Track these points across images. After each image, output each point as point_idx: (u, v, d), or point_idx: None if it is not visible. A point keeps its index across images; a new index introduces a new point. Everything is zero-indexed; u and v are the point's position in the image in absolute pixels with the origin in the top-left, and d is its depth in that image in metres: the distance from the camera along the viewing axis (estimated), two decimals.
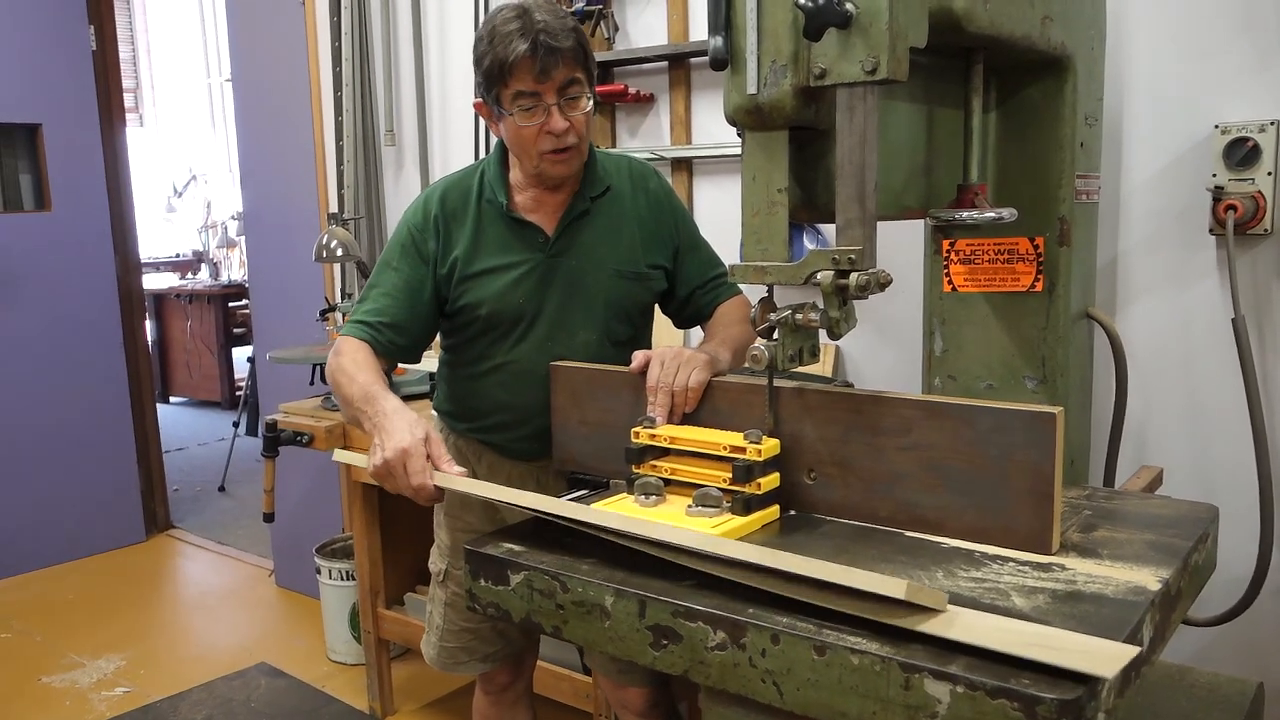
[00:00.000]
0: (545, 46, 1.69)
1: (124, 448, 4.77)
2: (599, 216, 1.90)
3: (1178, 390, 2.12)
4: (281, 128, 3.90)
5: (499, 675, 2.14)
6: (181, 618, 4.03)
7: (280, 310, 4.04)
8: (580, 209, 1.89)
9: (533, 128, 1.76)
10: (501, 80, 1.73)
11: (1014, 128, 1.74)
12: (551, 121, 1.75)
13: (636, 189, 1.94)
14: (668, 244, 1.95)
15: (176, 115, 10.11)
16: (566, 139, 1.77)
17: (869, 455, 1.41)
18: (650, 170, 2.00)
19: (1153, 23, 2.06)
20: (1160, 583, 1.19)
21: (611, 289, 1.89)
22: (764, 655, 1.11)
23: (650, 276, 1.93)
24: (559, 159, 1.80)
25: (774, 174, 1.36)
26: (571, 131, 1.77)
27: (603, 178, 1.91)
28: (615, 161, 1.98)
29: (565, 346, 1.88)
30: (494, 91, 1.76)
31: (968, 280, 1.82)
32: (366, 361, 1.79)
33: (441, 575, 2.09)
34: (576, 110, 1.77)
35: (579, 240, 1.89)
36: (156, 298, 7.83)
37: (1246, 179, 1.94)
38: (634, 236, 1.92)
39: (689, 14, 2.73)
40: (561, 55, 1.71)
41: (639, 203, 1.93)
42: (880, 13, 1.20)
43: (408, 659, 3.43)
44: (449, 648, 2.08)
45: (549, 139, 1.76)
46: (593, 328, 1.89)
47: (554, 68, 1.71)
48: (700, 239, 2.03)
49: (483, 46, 1.75)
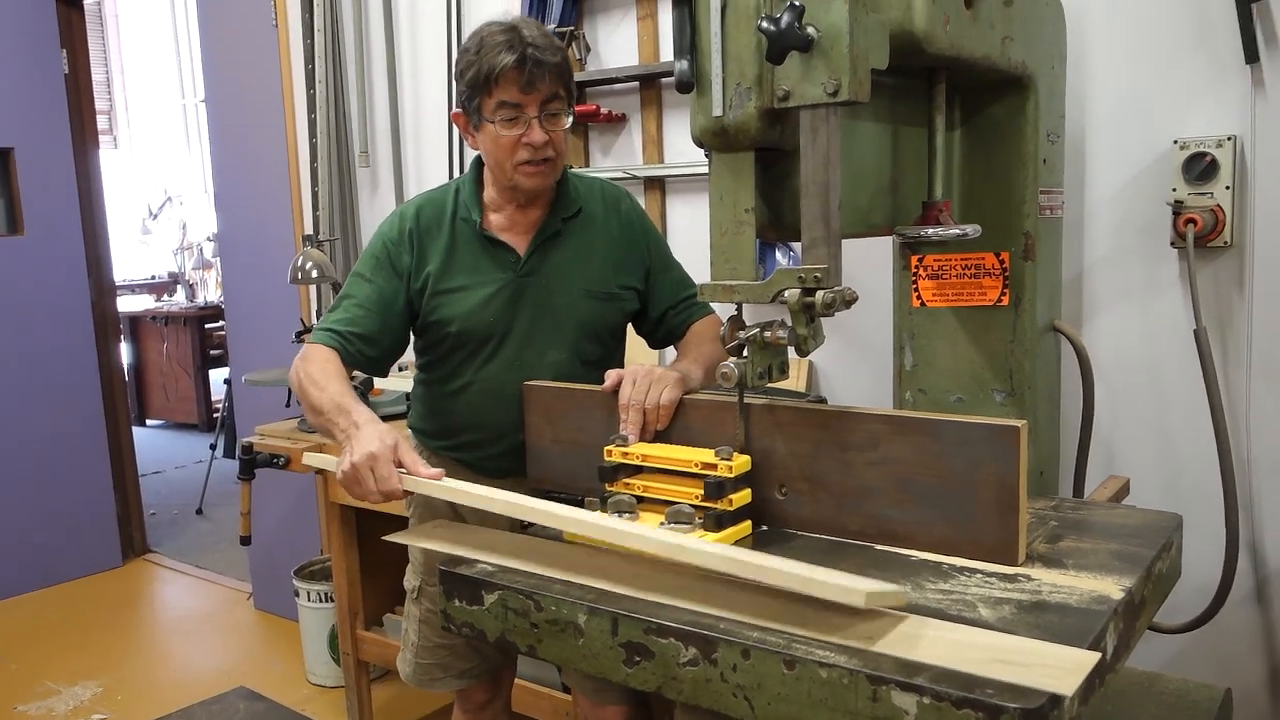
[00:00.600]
0: (533, 60, 1.75)
1: (99, 472, 4.73)
2: (571, 237, 1.93)
3: (1144, 401, 2.16)
4: (256, 149, 3.91)
5: (476, 693, 2.14)
6: (159, 643, 4.00)
7: (256, 332, 4.03)
8: (552, 229, 1.91)
9: (512, 138, 1.80)
10: (486, 89, 1.78)
11: (978, 145, 1.77)
12: (531, 133, 1.80)
13: (609, 210, 1.97)
14: (639, 265, 1.98)
15: (151, 137, 10.07)
16: (544, 151, 1.82)
17: (839, 470, 1.43)
18: (623, 193, 2.03)
19: (1112, 41, 2.11)
20: (1123, 591, 1.21)
21: (581, 309, 1.92)
22: (735, 670, 1.12)
23: (621, 297, 1.95)
24: (534, 171, 1.83)
25: (741, 194, 1.38)
26: (550, 145, 1.82)
27: (576, 199, 1.94)
28: (588, 183, 2.01)
29: (535, 366, 1.90)
30: (476, 100, 1.80)
31: (936, 295, 1.85)
32: (336, 371, 1.79)
33: (415, 592, 2.10)
34: (557, 126, 1.83)
35: (550, 260, 1.91)
36: (132, 320, 7.78)
37: (1205, 193, 1.98)
38: (605, 257, 1.94)
39: (659, 35, 2.76)
40: (547, 70, 1.77)
41: (611, 224, 1.96)
42: (841, 36, 1.22)
43: (388, 680, 3.41)
44: (424, 664, 2.09)
45: (527, 150, 1.81)
46: (563, 347, 1.91)
47: (539, 81, 1.77)
48: (672, 260, 2.06)
49: (469, 57, 1.80)
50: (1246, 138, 1.98)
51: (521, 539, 1.52)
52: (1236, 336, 2.04)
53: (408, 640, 2.13)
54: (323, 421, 1.73)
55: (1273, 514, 2.06)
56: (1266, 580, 2.08)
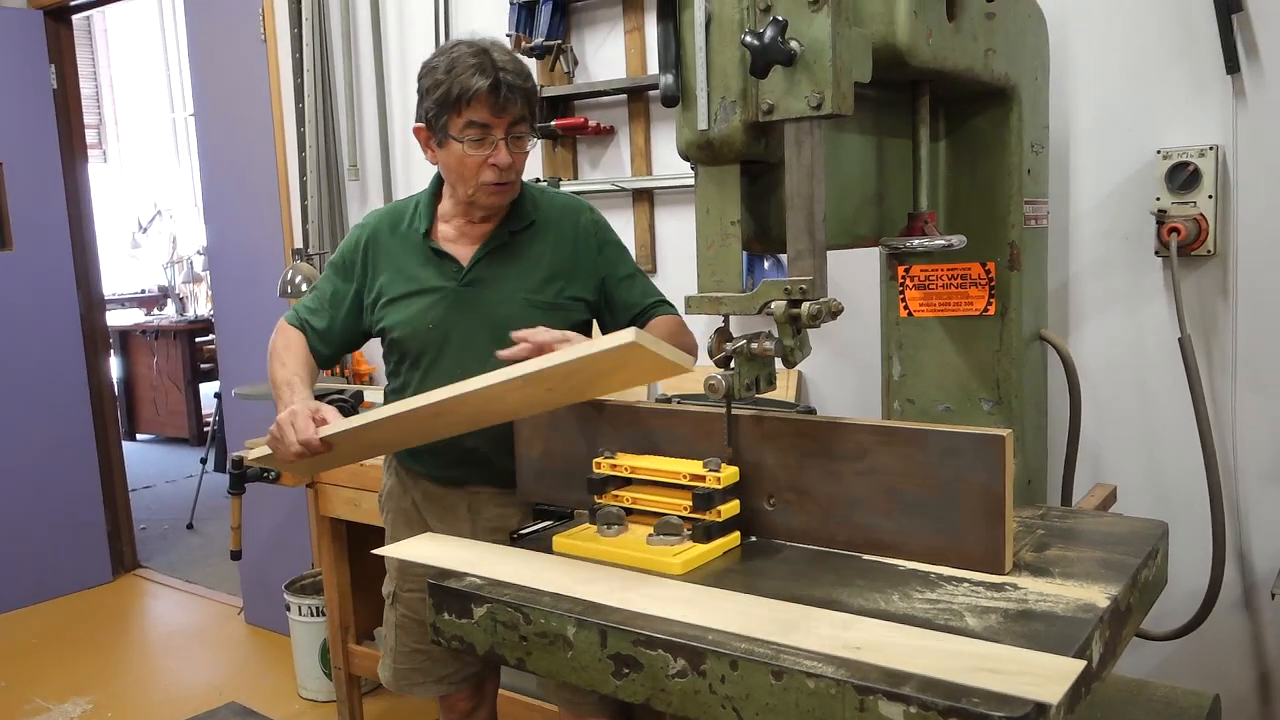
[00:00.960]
0: (505, 84, 1.80)
1: (89, 487, 4.71)
2: (518, 248, 1.96)
3: (1130, 409, 2.17)
4: (245, 163, 3.91)
5: (459, 701, 2.16)
6: (150, 658, 3.98)
7: (246, 345, 4.02)
8: (499, 241, 1.95)
9: (479, 158, 1.84)
10: (455, 109, 1.81)
11: (963, 156, 1.78)
12: (498, 154, 1.84)
13: (564, 222, 1.99)
14: (591, 277, 1.98)
15: (141, 151, 10.07)
16: (507, 174, 1.87)
17: (826, 481, 1.43)
18: (584, 207, 2.05)
19: (1095, 53, 2.13)
20: (1109, 599, 1.22)
21: (522, 318, 1.92)
22: (723, 681, 1.12)
23: (565, 307, 1.96)
24: (496, 190, 1.89)
25: (727, 207, 1.39)
26: (513, 167, 1.87)
27: (529, 212, 1.98)
28: (550, 197, 2.04)
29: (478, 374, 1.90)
30: (444, 119, 1.83)
31: (923, 305, 1.86)
32: (299, 352, 2.01)
33: (391, 597, 2.15)
34: (521, 148, 1.88)
35: (493, 271, 1.95)
36: (122, 334, 7.77)
37: (1188, 202, 2.00)
38: (552, 268, 1.96)
39: (646, 48, 2.77)
40: (518, 94, 1.82)
41: (564, 236, 1.98)
42: (823, 50, 1.24)
43: (379, 694, 3.40)
44: (402, 669, 2.12)
45: (493, 171, 1.85)
46: None
47: (510, 105, 1.81)
48: (635, 271, 2.06)
49: (438, 75, 1.82)
50: (1228, 147, 2.00)
51: (510, 552, 1.52)
52: (1221, 344, 2.06)
53: (387, 645, 2.17)
54: (274, 394, 1.94)
55: (1259, 521, 2.07)
56: (1253, 587, 2.09)
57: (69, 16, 4.71)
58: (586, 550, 1.45)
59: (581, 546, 1.46)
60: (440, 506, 2.04)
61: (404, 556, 1.52)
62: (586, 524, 1.53)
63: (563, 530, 1.53)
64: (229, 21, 3.86)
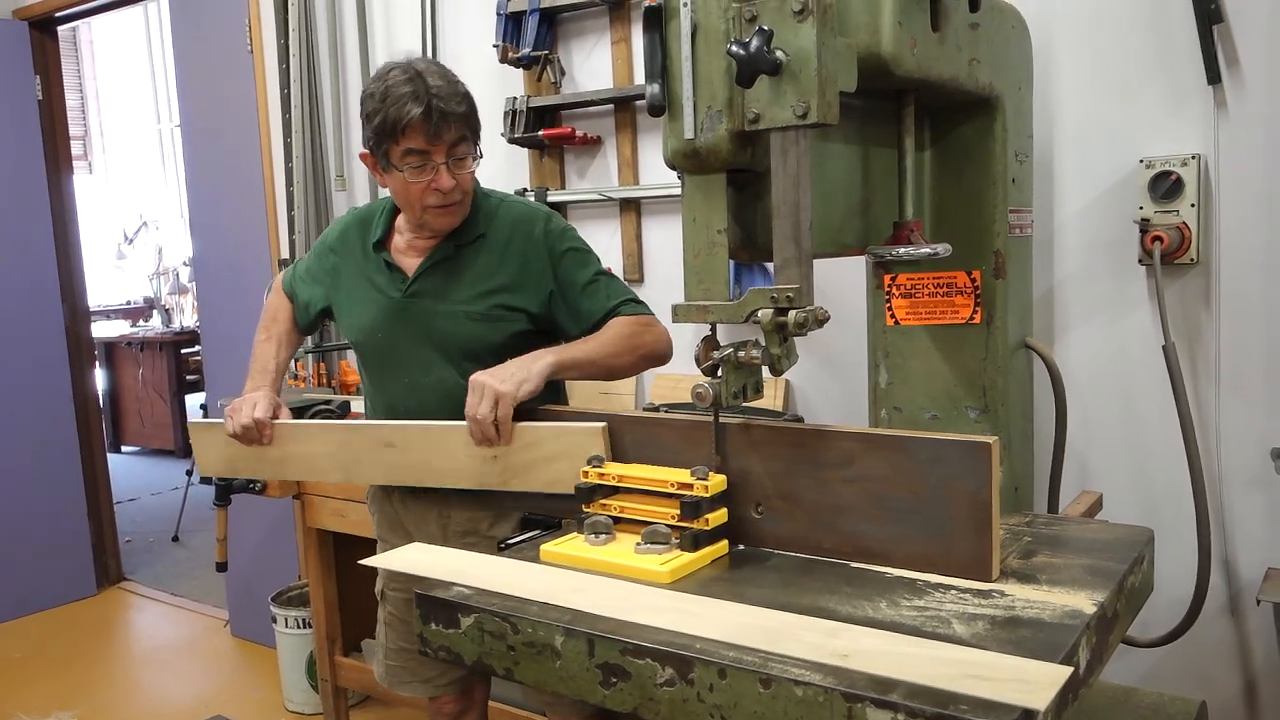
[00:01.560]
0: (438, 111, 1.79)
1: (73, 499, 4.68)
2: (463, 261, 1.96)
3: (1115, 416, 2.18)
4: (231, 173, 3.90)
5: (446, 704, 2.17)
6: (134, 672, 3.95)
7: (233, 356, 3.98)
8: (443, 254, 1.96)
9: (421, 184, 1.85)
10: (393, 138, 1.82)
11: (948, 165, 1.79)
12: (439, 179, 1.85)
13: (515, 235, 1.97)
14: (538, 289, 1.96)
15: (126, 162, 10.04)
16: (452, 196, 1.87)
17: (814, 488, 1.43)
18: (541, 216, 2.01)
19: (1078, 63, 2.14)
20: (1095, 606, 1.22)
21: (461, 330, 1.95)
22: (711, 690, 1.12)
23: (502, 318, 1.95)
24: (444, 213, 1.91)
25: (713, 215, 1.39)
26: (457, 188, 1.87)
27: (479, 224, 1.97)
28: (508, 208, 2.02)
29: (424, 384, 1.97)
30: (384, 148, 1.84)
31: (909, 314, 1.87)
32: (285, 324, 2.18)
33: (381, 595, 2.18)
34: (463, 169, 1.87)
35: (435, 283, 1.97)
36: (107, 346, 7.73)
37: (1171, 211, 2.02)
38: (494, 280, 1.95)
39: (633, 59, 2.78)
40: (452, 119, 1.81)
41: (513, 248, 1.97)
42: (809, 59, 1.24)
43: (366, 706, 3.39)
44: (392, 666, 2.16)
45: (436, 195, 1.86)
46: (447, 366, 1.96)
47: (445, 130, 1.81)
48: (600, 276, 2.00)
49: (373, 104, 1.83)
50: (1210, 156, 2.02)
51: (497, 561, 1.52)
52: (1205, 352, 2.07)
53: (379, 642, 2.21)
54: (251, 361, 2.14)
55: (1244, 527, 2.08)
56: (1239, 593, 2.10)
57: (54, 27, 4.70)
58: (574, 559, 1.45)
59: (569, 556, 1.46)
60: (414, 513, 2.06)
61: (392, 567, 1.51)
62: (574, 533, 1.53)
63: (550, 539, 1.53)
64: (215, 32, 3.86)
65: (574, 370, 1.87)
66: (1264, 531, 2.06)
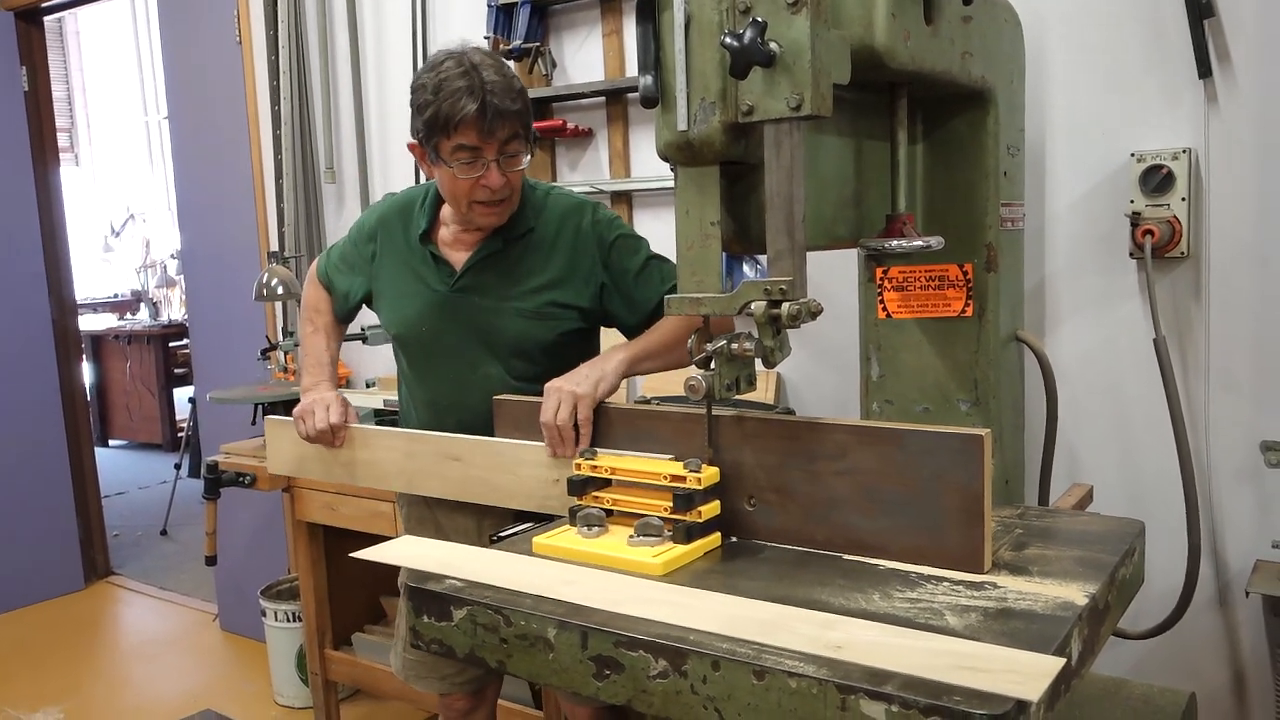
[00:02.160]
0: (493, 108, 1.74)
1: (61, 493, 4.66)
2: (512, 256, 1.94)
3: (1106, 409, 2.19)
4: (220, 166, 3.88)
5: (459, 701, 2.14)
6: (123, 666, 3.93)
7: (221, 350, 3.99)
8: (492, 248, 1.93)
9: (469, 180, 1.80)
10: (444, 133, 1.77)
11: (940, 158, 1.79)
12: (489, 177, 1.80)
13: (564, 229, 1.95)
14: (588, 283, 1.94)
15: (113, 154, 9.98)
16: (501, 194, 1.83)
17: (807, 481, 1.43)
18: (588, 208, 1.98)
19: (1070, 57, 2.15)
20: (1087, 597, 1.23)
21: (512, 327, 1.93)
22: (705, 682, 1.12)
23: (556, 316, 1.93)
24: (490, 211, 1.86)
25: (706, 208, 1.39)
26: (507, 185, 1.83)
27: (528, 219, 1.94)
28: (555, 200, 1.99)
29: (470, 380, 1.94)
30: (434, 141, 1.79)
31: (901, 307, 1.87)
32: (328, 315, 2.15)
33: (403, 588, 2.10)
34: (515, 166, 1.83)
35: (485, 278, 1.93)
36: (94, 339, 7.68)
37: (1162, 204, 2.02)
38: (545, 277, 1.93)
39: (625, 51, 2.78)
40: (506, 116, 1.76)
41: (561, 242, 1.94)
42: (803, 51, 1.24)
43: (356, 700, 3.38)
44: (412, 661, 2.11)
45: (485, 192, 1.82)
46: (495, 363, 1.94)
47: (499, 128, 1.77)
48: (652, 260, 1.97)
49: (426, 95, 1.77)
50: (1201, 151, 2.03)
51: (489, 554, 1.51)
52: (1195, 345, 2.08)
53: (399, 634, 2.14)
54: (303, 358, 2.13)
55: (1233, 520, 2.09)
56: (1228, 586, 2.11)
57: (40, 18, 4.66)
58: (567, 552, 1.45)
59: (562, 548, 1.46)
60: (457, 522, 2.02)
61: (384, 560, 1.51)
62: (567, 525, 1.53)
63: (543, 532, 1.53)
64: (203, 24, 3.83)
65: (645, 365, 1.86)
66: (1252, 524, 2.07)
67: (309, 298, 2.19)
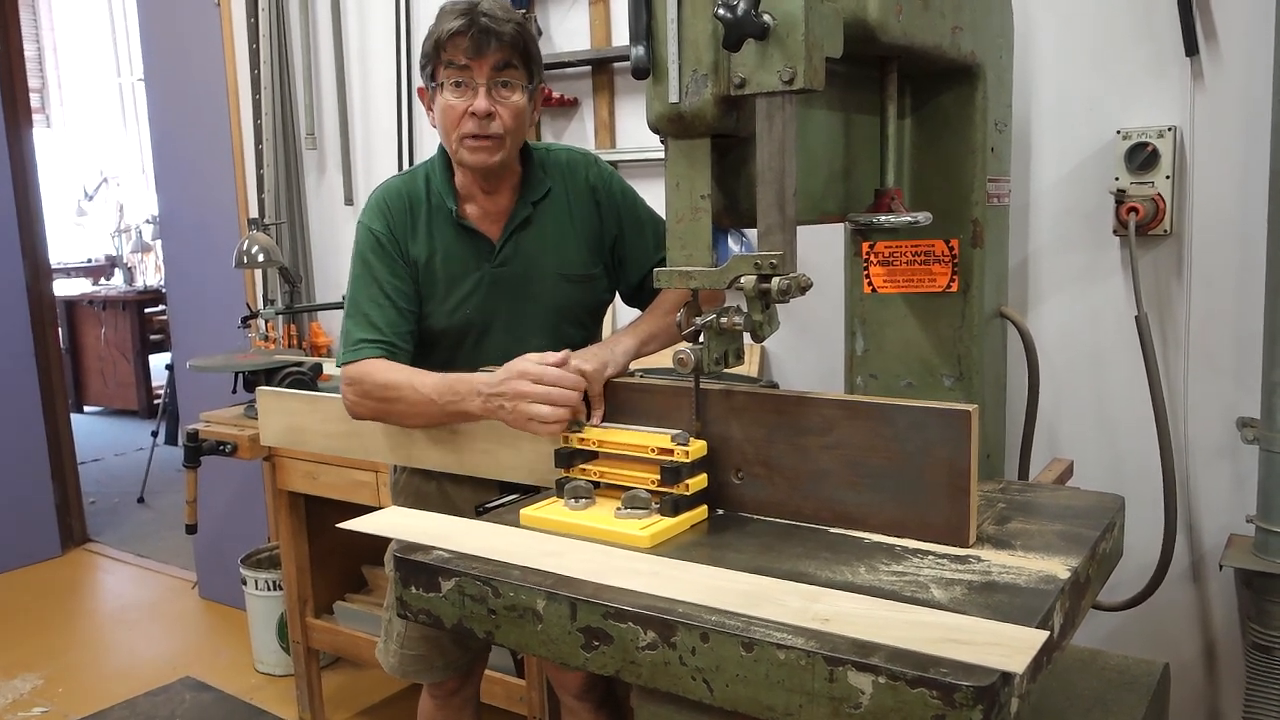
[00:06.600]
0: (480, 26, 1.72)
1: (37, 460, 4.62)
2: (541, 221, 1.91)
3: (1087, 385, 2.21)
4: (198, 130, 3.83)
5: (451, 683, 2.12)
6: (101, 633, 3.92)
7: (200, 317, 3.96)
8: (523, 215, 1.89)
9: (459, 106, 1.76)
10: (436, 56, 1.76)
11: (928, 134, 1.79)
12: (476, 101, 1.75)
13: (571, 187, 1.93)
14: (604, 241, 1.95)
15: (86, 116, 9.81)
16: (489, 125, 1.77)
17: (793, 454, 1.44)
18: (581, 161, 1.96)
19: (1058, 33, 2.14)
20: (1069, 571, 1.24)
21: (558, 294, 1.90)
22: (694, 653, 1.13)
23: (595, 278, 1.94)
24: (477, 145, 1.78)
25: (697, 181, 1.39)
26: (496, 119, 1.77)
27: (543, 179, 1.91)
28: (555, 158, 1.96)
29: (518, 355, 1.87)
30: (430, 68, 1.78)
31: (887, 281, 1.87)
32: (406, 367, 1.80)
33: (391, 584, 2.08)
34: (507, 97, 1.78)
35: (523, 248, 1.90)
36: (68, 304, 7.59)
37: (1146, 182, 2.03)
38: (576, 239, 1.92)
39: (611, 20, 2.75)
40: (496, 37, 1.73)
41: (576, 201, 1.93)
42: (796, 24, 1.23)
43: (338, 667, 3.39)
44: (409, 655, 2.03)
45: (472, 121, 1.76)
46: (545, 334, 1.90)
47: (487, 47, 1.73)
48: (647, 219, 1.97)
49: (430, 29, 1.78)
50: (1186, 129, 2.03)
51: (477, 525, 1.52)
52: (1175, 323, 2.10)
53: (392, 631, 2.05)
54: (443, 409, 1.72)
55: (1208, 495, 2.12)
56: (1202, 559, 2.14)
57: None
58: (554, 524, 1.45)
59: (549, 520, 1.46)
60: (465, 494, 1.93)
61: (371, 530, 1.50)
62: (554, 497, 1.53)
63: (530, 503, 1.53)
64: None
65: (650, 347, 1.84)
66: (1228, 499, 2.10)
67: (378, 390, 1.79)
